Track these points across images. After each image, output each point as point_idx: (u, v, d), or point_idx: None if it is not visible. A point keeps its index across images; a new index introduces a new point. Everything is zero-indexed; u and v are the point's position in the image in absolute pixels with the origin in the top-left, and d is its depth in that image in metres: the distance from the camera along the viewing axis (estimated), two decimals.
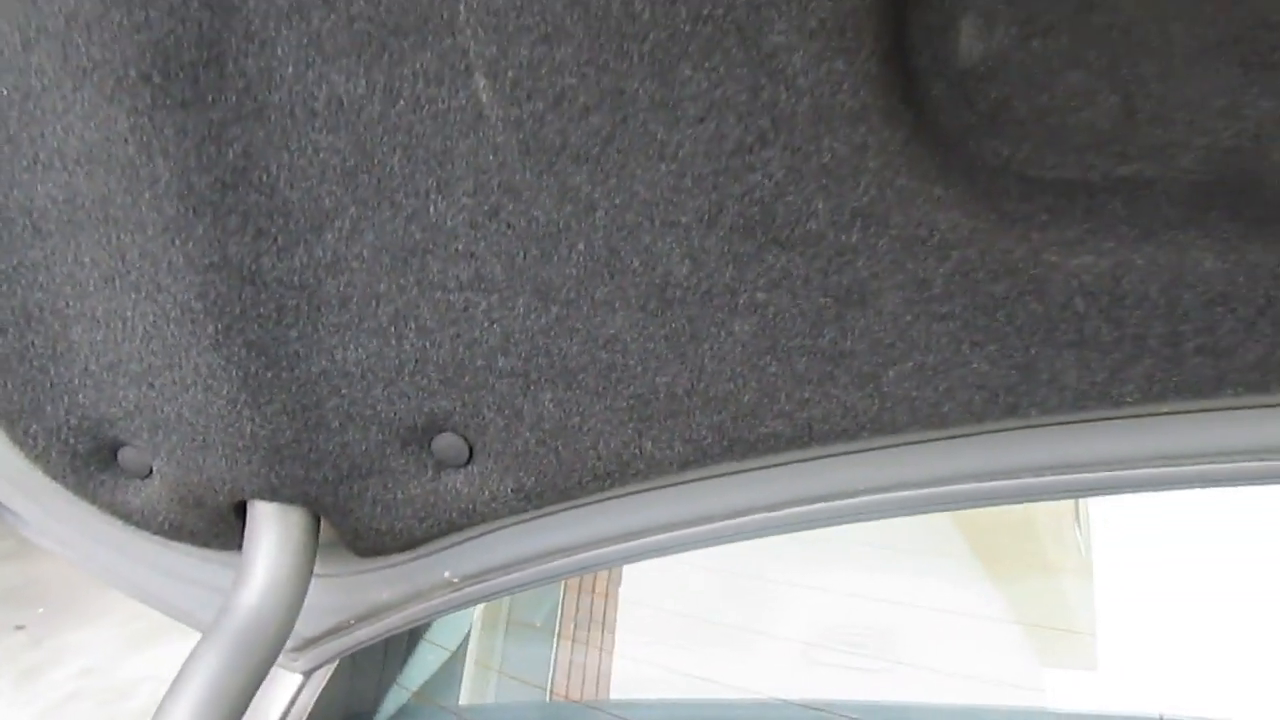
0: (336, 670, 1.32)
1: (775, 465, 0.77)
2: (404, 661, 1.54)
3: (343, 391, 0.82)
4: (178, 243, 0.75)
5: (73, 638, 4.90)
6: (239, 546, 0.93)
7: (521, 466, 0.82)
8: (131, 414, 0.87)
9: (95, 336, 0.84)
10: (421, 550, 0.97)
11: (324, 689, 1.29)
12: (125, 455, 0.92)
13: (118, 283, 0.80)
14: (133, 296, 0.80)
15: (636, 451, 0.78)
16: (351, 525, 0.90)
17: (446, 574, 0.99)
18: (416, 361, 0.79)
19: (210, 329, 0.79)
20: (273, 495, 0.87)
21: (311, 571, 0.90)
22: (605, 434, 0.78)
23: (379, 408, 0.82)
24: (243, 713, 0.83)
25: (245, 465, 0.85)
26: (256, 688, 0.84)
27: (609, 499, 0.84)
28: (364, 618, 1.04)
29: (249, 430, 0.83)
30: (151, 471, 0.92)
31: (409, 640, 1.61)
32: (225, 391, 0.81)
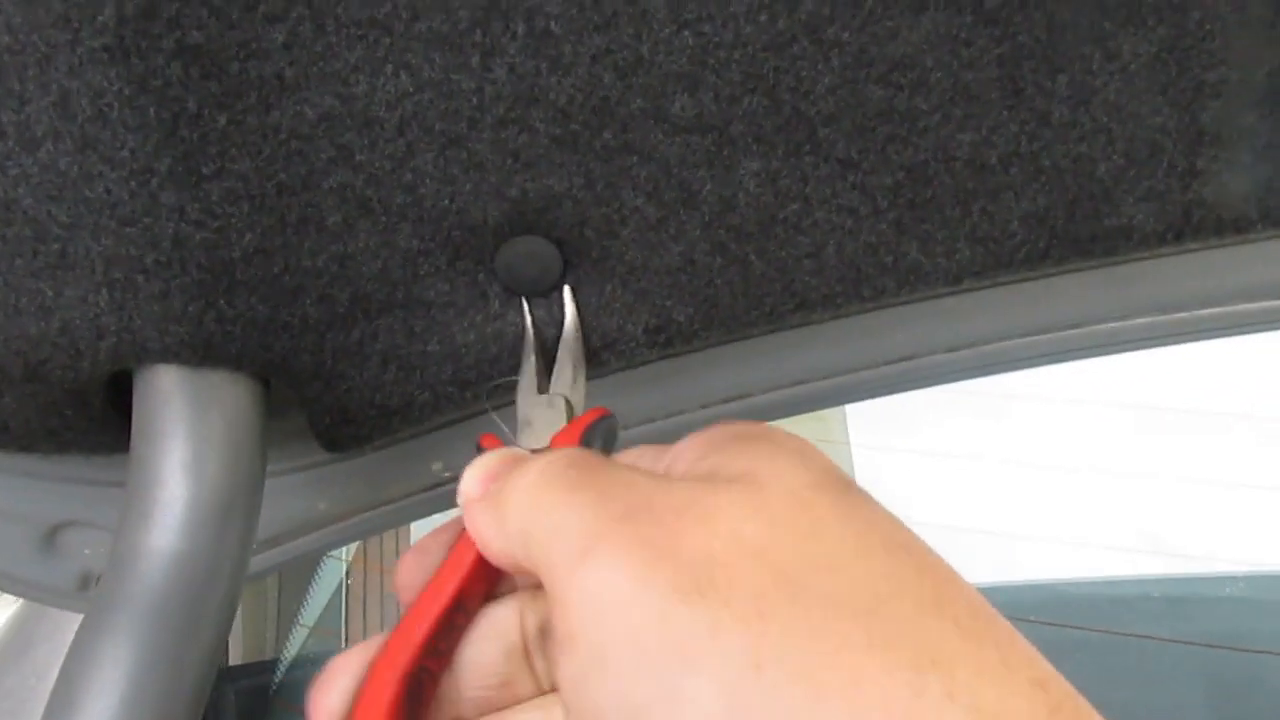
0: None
1: (1098, 269, 0.51)
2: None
3: (358, 158, 0.44)
4: None
5: None
6: (112, 448, 0.52)
7: (672, 290, 0.50)
8: None
9: None
10: (406, 434, 0.61)
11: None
12: None
13: None
14: None
15: (889, 260, 0.49)
16: (333, 402, 0.53)
17: (436, 466, 0.65)
18: (515, 101, 0.43)
19: (108, 10, 0.37)
20: (202, 356, 0.47)
21: (263, 481, 0.53)
22: (840, 232, 0.48)
23: (423, 190, 0.45)
24: None
25: (156, 302, 0.45)
26: (208, 688, 0.48)
27: (789, 329, 0.54)
28: (296, 533, 0.67)
29: (172, 231, 0.43)
30: None
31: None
32: (130, 150, 0.40)
